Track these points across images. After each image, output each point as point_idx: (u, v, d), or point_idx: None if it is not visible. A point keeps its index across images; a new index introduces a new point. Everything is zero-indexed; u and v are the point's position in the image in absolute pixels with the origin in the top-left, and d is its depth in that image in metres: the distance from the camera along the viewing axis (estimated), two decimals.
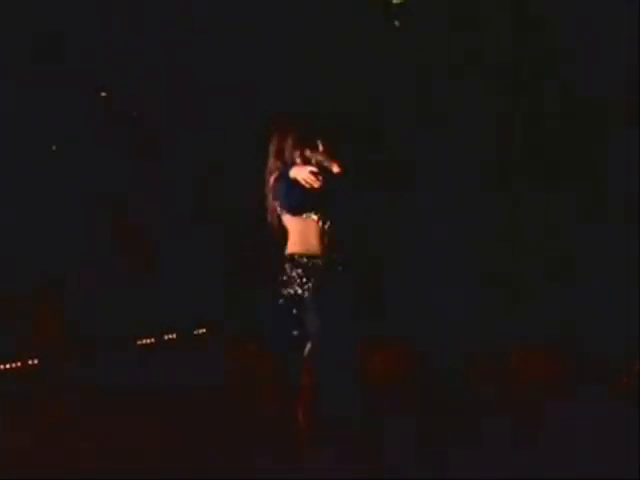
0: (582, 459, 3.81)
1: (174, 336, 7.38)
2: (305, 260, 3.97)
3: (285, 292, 4.04)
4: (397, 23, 6.29)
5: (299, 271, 4.01)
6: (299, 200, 3.90)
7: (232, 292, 6.96)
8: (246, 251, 6.90)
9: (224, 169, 6.91)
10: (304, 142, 4.08)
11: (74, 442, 4.47)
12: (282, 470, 3.83)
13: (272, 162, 4.05)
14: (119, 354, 6.64)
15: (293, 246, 3.95)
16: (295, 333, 4.08)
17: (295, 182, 3.83)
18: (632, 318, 5.14)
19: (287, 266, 3.99)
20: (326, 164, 3.88)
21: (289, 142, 4.05)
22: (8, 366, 6.41)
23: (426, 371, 5.48)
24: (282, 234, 3.93)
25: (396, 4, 6.25)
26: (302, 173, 3.81)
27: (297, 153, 4.02)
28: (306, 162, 3.99)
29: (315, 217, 3.96)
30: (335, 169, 3.86)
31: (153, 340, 7.25)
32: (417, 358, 5.66)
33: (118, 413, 5.03)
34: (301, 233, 3.94)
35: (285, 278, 4.03)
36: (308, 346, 4.03)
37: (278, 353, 4.23)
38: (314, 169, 3.86)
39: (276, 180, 3.96)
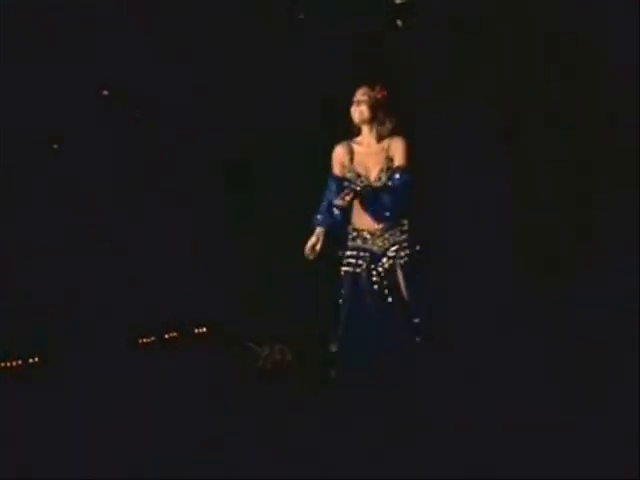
0: (582, 459, 3.81)
1: (175, 335, 7.38)
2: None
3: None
4: (400, 23, 6.28)
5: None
6: None
7: (234, 290, 6.96)
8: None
9: (225, 166, 6.92)
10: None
11: (74, 441, 4.48)
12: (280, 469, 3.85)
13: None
14: (119, 353, 6.65)
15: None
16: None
17: None
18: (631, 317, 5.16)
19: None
20: None
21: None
22: (9, 364, 6.42)
23: None
24: None
25: (399, 3, 6.25)
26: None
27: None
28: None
29: None
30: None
31: (154, 339, 7.25)
32: None
33: (118, 412, 5.03)
34: None
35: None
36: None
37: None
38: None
39: None
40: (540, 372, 5.15)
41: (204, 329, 7.39)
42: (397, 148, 4.28)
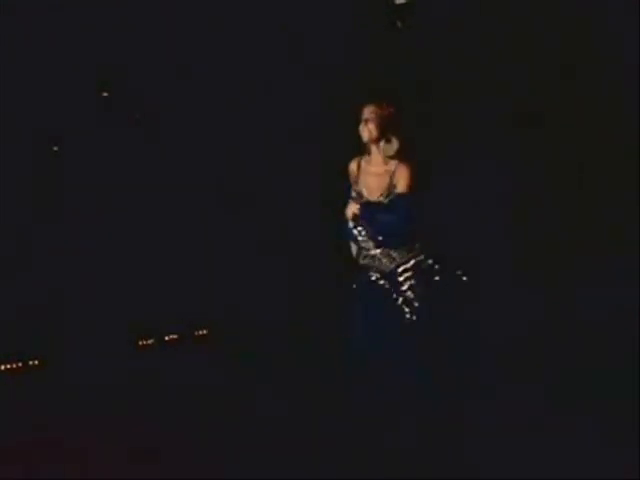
0: (582, 459, 3.81)
1: (175, 337, 7.36)
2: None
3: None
4: (399, 24, 6.28)
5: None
6: None
7: (235, 292, 6.95)
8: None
9: (225, 166, 6.92)
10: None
11: (74, 442, 4.48)
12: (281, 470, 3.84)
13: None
14: (119, 355, 6.64)
15: None
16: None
17: None
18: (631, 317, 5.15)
19: None
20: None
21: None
22: (9, 366, 6.41)
23: None
24: None
25: (399, 4, 6.24)
26: None
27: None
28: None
29: None
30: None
31: (154, 341, 7.24)
32: None
33: (119, 413, 5.03)
34: None
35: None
36: None
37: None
38: None
39: None
40: (540, 372, 5.16)
41: (204, 331, 7.37)
42: (402, 175, 4.22)
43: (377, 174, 4.28)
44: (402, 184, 4.22)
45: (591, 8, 5.61)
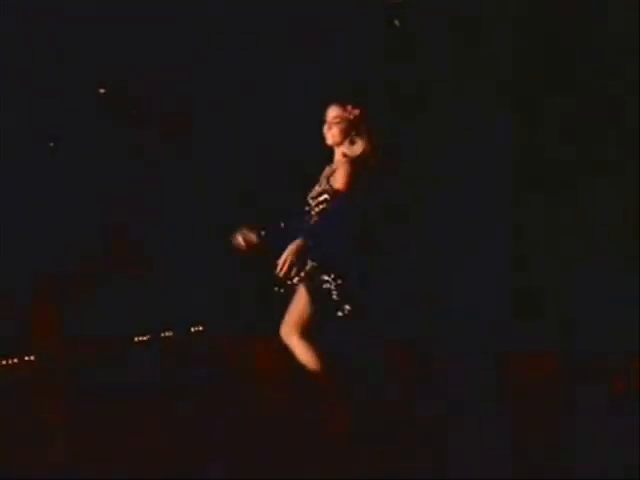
0: (582, 459, 3.82)
1: (171, 334, 7.36)
2: None
3: None
4: (397, 23, 6.28)
5: None
6: None
7: (232, 289, 6.95)
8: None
9: (224, 167, 6.91)
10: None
11: (72, 441, 4.47)
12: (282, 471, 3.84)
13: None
14: (115, 352, 6.64)
15: None
16: None
17: None
18: (631, 317, 5.17)
19: None
20: None
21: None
22: (5, 362, 6.41)
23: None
24: None
25: (396, 3, 6.24)
26: None
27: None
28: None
29: None
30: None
31: (149, 337, 7.23)
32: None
33: (116, 412, 5.02)
34: None
35: None
36: None
37: None
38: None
39: None
40: (540, 371, 5.18)
41: (200, 328, 7.37)
42: (337, 173, 4.11)
43: (327, 173, 4.23)
44: (334, 181, 4.09)
45: (591, 8, 5.63)
